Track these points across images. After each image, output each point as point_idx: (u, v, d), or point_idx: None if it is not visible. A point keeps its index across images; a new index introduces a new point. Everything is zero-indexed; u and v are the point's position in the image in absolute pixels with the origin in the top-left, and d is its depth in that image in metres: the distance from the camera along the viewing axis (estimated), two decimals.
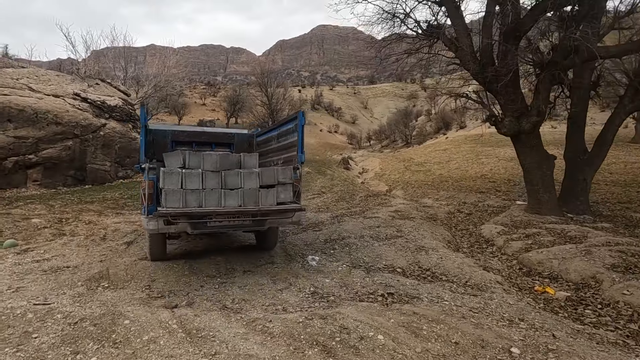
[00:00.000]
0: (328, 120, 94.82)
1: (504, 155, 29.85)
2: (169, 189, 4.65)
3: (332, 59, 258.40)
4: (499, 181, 18.99)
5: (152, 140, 6.82)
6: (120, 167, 17.20)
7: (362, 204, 11.42)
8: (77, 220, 8.75)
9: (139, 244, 6.43)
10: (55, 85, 16.66)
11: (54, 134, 14.90)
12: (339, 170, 35.17)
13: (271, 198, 4.96)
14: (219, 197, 4.79)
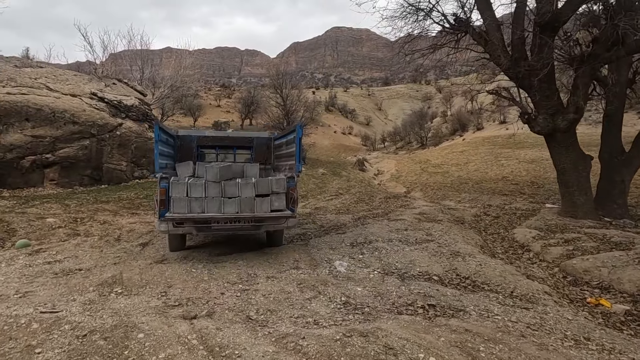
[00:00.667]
0: (342, 121, 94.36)
1: (524, 157, 29.02)
2: (176, 196, 5.41)
3: (346, 61, 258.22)
4: (522, 183, 18.31)
5: (180, 145, 7.62)
6: (136, 167, 17.07)
7: (383, 206, 10.97)
8: (92, 220, 8.52)
9: (154, 245, 6.13)
10: (72, 84, 16.64)
11: (71, 133, 14.83)
12: (354, 172, 34.72)
13: (265, 206, 5.50)
14: (219, 204, 5.44)
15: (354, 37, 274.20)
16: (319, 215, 9.47)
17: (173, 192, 5.40)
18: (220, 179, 5.53)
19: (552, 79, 8.55)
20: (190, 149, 7.68)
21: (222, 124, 50.05)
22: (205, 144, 7.99)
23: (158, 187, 5.55)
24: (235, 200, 5.42)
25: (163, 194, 5.48)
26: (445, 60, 10.24)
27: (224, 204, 5.42)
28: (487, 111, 70.54)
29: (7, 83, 14.42)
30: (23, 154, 13.51)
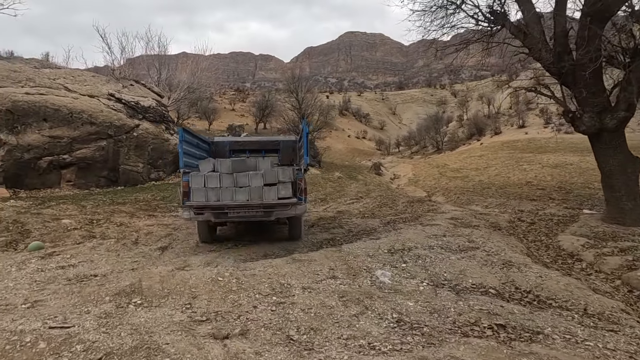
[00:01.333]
0: (356, 126, 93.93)
1: (547, 161, 28.08)
2: (195, 187, 6.14)
3: (360, 66, 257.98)
4: (549, 188, 17.52)
5: (215, 149, 8.46)
6: (153, 168, 16.82)
7: (409, 210, 10.42)
8: (109, 221, 8.16)
9: (174, 249, 5.72)
10: (90, 85, 16.50)
11: (88, 134, 14.63)
12: (370, 176, 34.13)
13: (273, 194, 6.11)
14: (232, 193, 6.09)
15: (368, 41, 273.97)
16: (344, 219, 8.98)
17: (193, 184, 6.17)
18: (232, 171, 6.24)
19: (599, 74, 7.92)
20: (224, 153, 8.47)
21: (237, 128, 49.97)
22: (237, 148, 8.92)
23: (181, 180, 6.45)
24: (245, 189, 6.10)
25: (186, 187, 6.29)
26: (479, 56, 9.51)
27: (236, 192, 6.09)
28: (504, 115, 69.37)
29: (25, 83, 14.31)
30: (40, 154, 13.34)
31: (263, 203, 6.04)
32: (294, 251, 5.52)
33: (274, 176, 6.19)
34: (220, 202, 6.05)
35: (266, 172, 6.23)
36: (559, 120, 50.49)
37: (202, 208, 6.01)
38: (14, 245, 6.18)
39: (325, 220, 8.80)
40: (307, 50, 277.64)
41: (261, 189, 6.08)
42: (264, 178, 6.15)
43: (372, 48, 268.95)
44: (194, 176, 6.21)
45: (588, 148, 31.40)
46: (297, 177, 6.41)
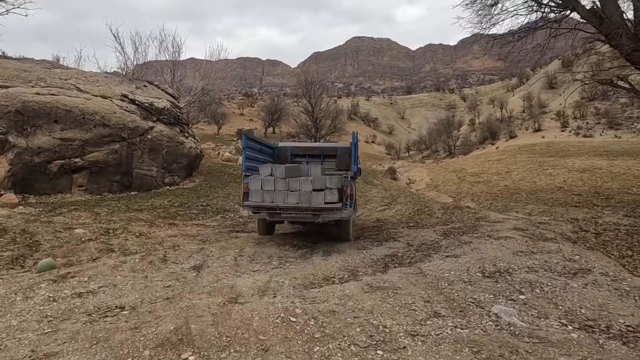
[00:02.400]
0: (365, 130, 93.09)
1: (572, 166, 26.88)
2: (253, 189, 6.78)
3: (367, 70, 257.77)
4: (585, 194, 16.35)
5: (278, 154, 9.25)
6: (167, 172, 15.94)
7: (455, 218, 9.36)
8: (126, 231, 7.21)
9: (210, 269, 4.73)
10: (103, 86, 15.68)
11: (101, 136, 13.78)
12: (387, 180, 33.07)
13: (320, 198, 6.51)
14: (284, 196, 6.60)
15: (375, 46, 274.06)
16: (389, 229, 7.99)
17: (251, 186, 6.83)
18: (286, 176, 6.73)
19: None
20: (286, 157, 9.26)
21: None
22: (298, 153, 9.54)
23: (242, 182, 7.33)
24: (296, 193, 6.59)
25: (246, 188, 7.01)
26: (542, 46, 8.47)
27: (287, 195, 6.61)
28: (517, 119, 68.06)
29: (36, 83, 13.50)
30: (51, 157, 12.48)
31: (311, 206, 6.52)
32: (357, 272, 4.50)
33: (322, 182, 6.65)
34: (274, 203, 6.63)
35: (315, 179, 6.69)
36: (576, 123, 49.26)
37: (259, 208, 6.75)
38: (21, 261, 5.24)
39: (370, 231, 7.82)
40: (314, 55, 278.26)
41: (310, 193, 6.56)
42: (313, 184, 6.62)
43: (379, 53, 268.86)
44: (253, 179, 6.90)
45: (613, 152, 30.20)
46: (344, 184, 6.83)
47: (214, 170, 20.61)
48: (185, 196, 13.13)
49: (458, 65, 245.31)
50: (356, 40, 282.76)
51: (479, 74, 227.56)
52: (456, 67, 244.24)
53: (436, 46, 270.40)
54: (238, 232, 7.28)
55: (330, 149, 9.62)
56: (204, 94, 19.84)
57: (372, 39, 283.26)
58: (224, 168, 22.83)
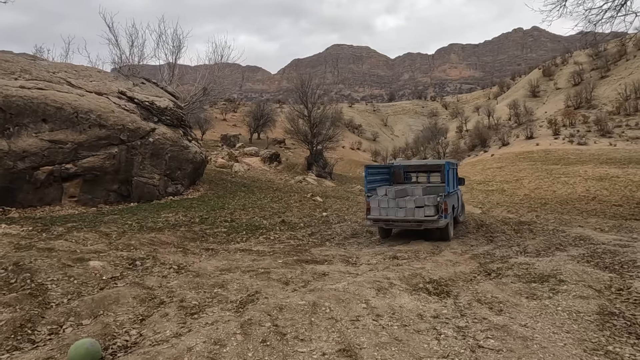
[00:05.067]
0: (349, 137, 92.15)
1: (585, 173, 26.27)
2: (373, 206, 8.97)
3: (347, 78, 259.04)
4: (627, 205, 15.38)
5: (393, 171, 11.48)
6: (170, 180, 14.08)
7: (560, 239, 7.87)
8: (158, 262, 5.45)
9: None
10: (97, 81, 13.73)
11: (97, 138, 11.87)
12: None
13: (421, 213, 8.42)
14: (395, 211, 8.65)
15: (354, 54, 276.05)
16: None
17: (372, 204, 8.93)
18: (396, 197, 8.82)
19: None
20: (400, 173, 11.44)
21: (231, 138, 47.66)
22: (409, 170, 11.77)
23: (365, 200, 9.46)
24: (403, 209, 8.51)
25: (368, 205, 9.04)
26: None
27: (397, 211, 8.55)
28: (504, 126, 68.43)
29: (20, 75, 11.48)
30: (38, 163, 10.51)
31: (414, 219, 8.38)
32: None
33: (422, 202, 8.46)
34: (388, 216, 8.64)
35: (417, 198, 8.60)
36: (568, 131, 49.50)
37: (377, 219, 8.84)
38: (29, 330, 3.38)
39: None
40: (294, 62, 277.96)
41: (413, 209, 8.45)
42: (415, 202, 8.51)
43: (358, 61, 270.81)
44: (373, 199, 9.04)
45: (617, 160, 29.37)
46: (439, 200, 8.45)
47: (213, 177, 18.77)
48: (196, 209, 11.32)
49: (436, 74, 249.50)
50: (336, 48, 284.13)
51: (455, 82, 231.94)
52: (434, 75, 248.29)
53: (414, 55, 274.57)
54: (307, 262, 5.56)
55: (435, 166, 11.34)
56: (206, 93, 17.98)
57: (351, 46, 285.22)
58: (222, 175, 21.05)
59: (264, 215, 10.92)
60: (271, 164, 31.51)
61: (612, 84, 64.51)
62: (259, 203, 13.80)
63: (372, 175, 10.19)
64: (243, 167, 26.50)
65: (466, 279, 4.41)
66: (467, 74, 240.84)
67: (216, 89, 18.48)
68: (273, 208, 12.78)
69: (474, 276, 4.53)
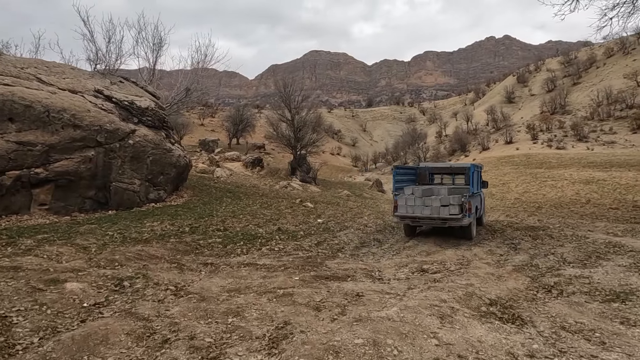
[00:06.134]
0: (329, 142, 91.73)
1: (570, 177, 26.44)
2: (400, 204, 9.46)
3: (325, 84, 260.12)
4: (624, 208, 15.21)
5: (420, 172, 11.92)
6: (152, 186, 13.02)
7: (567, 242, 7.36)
8: (150, 282, 4.55)
9: None
10: (71, 78, 12.58)
11: (71, 140, 10.76)
12: (377, 194, 31.32)
13: (446, 211, 8.85)
14: (421, 209, 9.12)
15: (332, 60, 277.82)
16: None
17: (399, 202, 9.52)
18: (422, 196, 9.40)
19: None
20: (425, 175, 11.83)
21: (210, 143, 46.55)
22: (434, 172, 12.23)
23: (393, 199, 9.91)
24: (429, 207, 9.05)
25: (396, 203, 9.62)
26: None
27: (423, 209, 9.11)
28: (482, 131, 69.39)
29: None
30: (4, 167, 9.35)
31: (439, 217, 8.83)
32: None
33: (447, 201, 8.86)
34: (414, 214, 9.14)
35: (442, 198, 9.05)
36: (546, 136, 50.42)
37: (404, 217, 9.38)
38: None
39: None
40: (272, 68, 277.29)
41: (439, 208, 8.88)
42: (440, 201, 8.93)
43: (336, 67, 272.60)
44: (400, 197, 9.57)
45: (598, 163, 29.67)
46: (464, 200, 8.83)
47: (195, 183, 17.72)
48: (183, 216, 10.36)
49: (412, 81, 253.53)
50: (314, 54, 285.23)
51: (431, 89, 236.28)
52: (410, 82, 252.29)
53: (391, 62, 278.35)
54: (327, 278, 4.70)
55: (460, 168, 11.96)
56: (189, 93, 16.96)
57: (329, 53, 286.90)
58: (204, 181, 20.00)
59: (258, 223, 10.06)
60: (254, 168, 30.63)
61: (584, 90, 66.36)
62: (249, 209, 12.92)
63: (400, 175, 10.79)
64: (225, 172, 25.48)
65: (527, 297, 3.77)
66: (442, 81, 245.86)
67: (200, 89, 17.44)
68: (265, 215, 11.93)
69: (534, 294, 3.89)
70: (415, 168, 12.19)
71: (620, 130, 46.17)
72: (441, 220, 8.82)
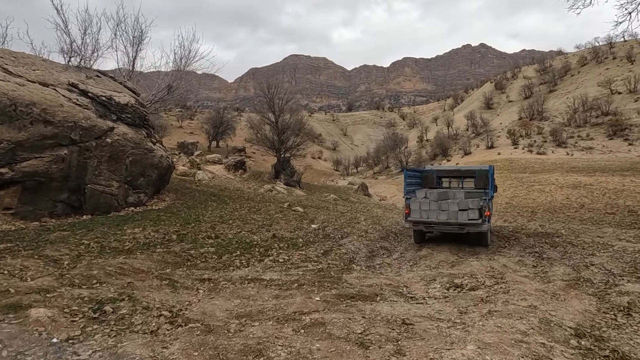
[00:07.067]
0: (310, 146, 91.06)
1: (557, 181, 26.53)
2: (414, 208, 8.89)
3: (304, 88, 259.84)
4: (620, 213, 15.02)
5: (426, 176, 11.45)
6: (132, 189, 12.02)
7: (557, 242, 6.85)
8: (136, 305, 3.71)
9: None
10: (42, 70, 11.48)
11: (42, 137, 9.70)
12: (364, 198, 30.75)
13: (465, 216, 8.27)
14: (437, 214, 8.55)
15: (312, 64, 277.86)
16: None
17: (412, 206, 8.97)
18: (438, 199, 8.74)
19: None
20: (433, 178, 11.28)
21: (189, 145, 45.31)
22: (442, 175, 11.74)
23: (404, 203, 9.54)
24: (446, 212, 8.49)
25: (407, 207, 9.15)
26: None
27: (439, 214, 8.54)
28: (462, 137, 70.08)
29: None
30: None
31: (457, 222, 8.37)
32: None
33: (466, 204, 8.37)
34: (429, 219, 8.65)
35: (460, 201, 8.53)
36: (526, 141, 51.14)
37: (417, 222, 8.86)
38: None
39: None
40: (252, 71, 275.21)
41: (457, 212, 8.40)
42: (458, 205, 8.43)
43: (316, 71, 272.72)
44: (413, 201, 9.08)
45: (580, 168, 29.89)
46: (483, 204, 8.35)
47: (177, 186, 16.70)
48: (167, 222, 9.43)
49: (391, 86, 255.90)
50: (294, 58, 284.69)
51: (410, 95, 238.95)
52: (389, 87, 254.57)
53: (370, 67, 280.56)
54: (353, 298, 3.92)
55: (469, 171, 11.47)
56: (171, 90, 15.93)
57: (309, 57, 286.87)
58: (185, 183, 18.98)
59: (251, 229, 9.23)
60: (236, 172, 29.70)
61: (560, 97, 67.90)
62: (237, 214, 12.06)
63: (411, 178, 10.31)
64: (207, 175, 24.45)
65: (608, 323, 3.15)
66: (420, 87, 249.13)
67: (183, 87, 16.44)
68: (256, 220, 11.10)
69: (613, 318, 3.27)
70: (421, 171, 11.66)
71: (597, 137, 47.14)
72: (459, 226, 8.28)
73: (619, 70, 63.58)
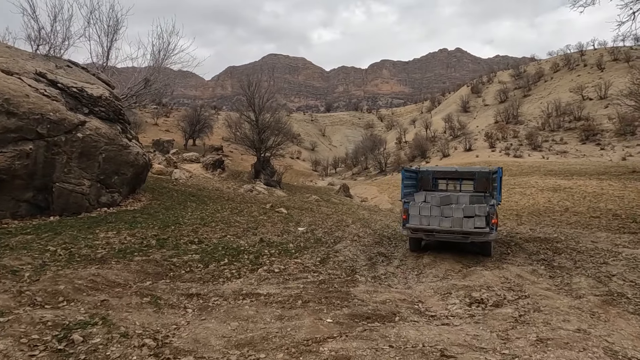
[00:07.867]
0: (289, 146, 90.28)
1: (536, 184, 26.85)
2: (412, 214, 8.04)
3: (282, 88, 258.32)
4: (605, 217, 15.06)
5: (421, 177, 10.80)
6: (105, 188, 11.16)
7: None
8: (112, 331, 3.08)
9: None
10: (6, 58, 10.51)
11: (4, 130, 8.82)
12: (345, 199, 30.32)
13: (470, 224, 7.51)
14: (439, 220, 7.76)
15: (290, 64, 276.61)
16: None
17: (410, 211, 8.07)
18: (440, 204, 7.91)
19: None
20: (428, 180, 10.80)
21: (165, 143, 43.88)
22: (439, 177, 11.10)
23: (402, 208, 8.47)
24: (450, 219, 7.66)
25: (405, 212, 8.20)
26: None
27: (442, 220, 7.72)
28: (440, 139, 70.89)
29: None
30: None
31: (462, 230, 7.51)
32: None
33: (472, 211, 7.58)
34: (430, 226, 7.79)
35: (466, 207, 7.74)
36: (503, 144, 52.03)
37: (417, 230, 7.97)
38: None
39: None
40: (230, 70, 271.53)
41: (462, 219, 7.55)
42: (464, 211, 7.61)
43: (294, 71, 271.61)
44: (412, 206, 8.15)
45: (557, 172, 30.27)
46: (490, 211, 7.60)
47: (153, 185, 15.82)
48: (144, 225, 8.67)
49: (369, 88, 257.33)
50: (272, 58, 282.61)
51: (387, 97, 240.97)
52: (367, 89, 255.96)
53: (349, 69, 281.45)
54: (369, 318, 3.36)
55: (468, 173, 10.66)
56: (149, 85, 15.03)
57: (287, 57, 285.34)
58: (162, 183, 18.06)
59: (236, 233, 8.59)
60: (214, 171, 28.83)
61: (534, 102, 69.55)
62: (219, 216, 11.37)
63: (408, 179, 9.47)
64: (184, 175, 23.50)
65: None
66: (397, 89, 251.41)
67: (161, 80, 15.55)
68: (240, 222, 10.46)
69: None
70: (416, 172, 10.76)
71: (571, 141, 48.30)
72: (462, 235, 7.47)
73: (590, 77, 65.61)
